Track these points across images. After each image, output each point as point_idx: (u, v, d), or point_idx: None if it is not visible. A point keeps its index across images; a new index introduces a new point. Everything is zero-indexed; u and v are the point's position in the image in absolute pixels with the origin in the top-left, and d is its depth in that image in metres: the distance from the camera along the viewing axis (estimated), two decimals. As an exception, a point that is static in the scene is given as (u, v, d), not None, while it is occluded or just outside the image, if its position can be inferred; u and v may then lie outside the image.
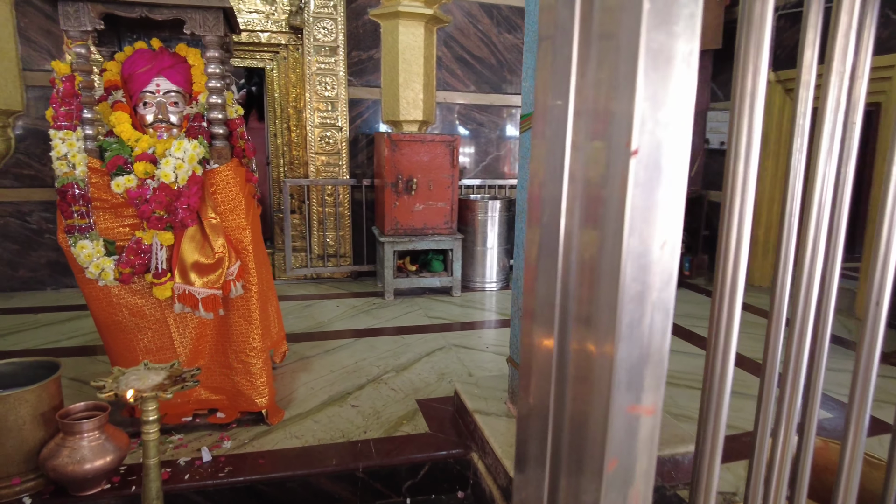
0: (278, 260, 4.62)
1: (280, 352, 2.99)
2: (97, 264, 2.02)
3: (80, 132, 2.03)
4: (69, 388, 2.67)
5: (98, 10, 1.98)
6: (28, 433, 1.90)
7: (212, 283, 2.14)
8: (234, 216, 2.20)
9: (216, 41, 2.10)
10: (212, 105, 2.15)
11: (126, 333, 2.20)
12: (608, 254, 0.51)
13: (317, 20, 4.23)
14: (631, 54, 0.47)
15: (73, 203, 2.01)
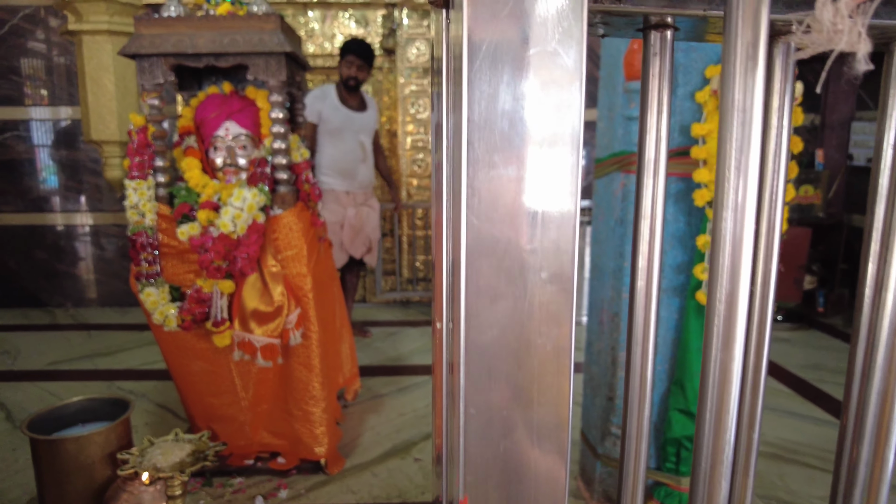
0: (369, 282, 4.63)
1: (352, 389, 2.95)
2: (161, 311, 2.06)
3: (151, 181, 2.08)
4: (154, 414, 2.80)
5: (170, 62, 2.02)
6: (97, 472, 1.97)
7: (270, 331, 2.11)
8: (296, 263, 2.16)
9: (279, 86, 2.06)
10: (275, 150, 2.12)
11: (191, 375, 2.24)
12: None
13: (409, 41, 4.17)
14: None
15: (141, 251, 2.07)
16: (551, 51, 0.34)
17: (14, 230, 4.53)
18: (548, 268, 0.36)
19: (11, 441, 2.56)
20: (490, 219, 0.36)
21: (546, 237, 0.36)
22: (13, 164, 4.46)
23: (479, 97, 0.34)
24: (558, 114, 0.35)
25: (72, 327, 4.17)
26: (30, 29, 4.28)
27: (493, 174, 0.35)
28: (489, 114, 0.34)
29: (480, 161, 0.35)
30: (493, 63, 0.34)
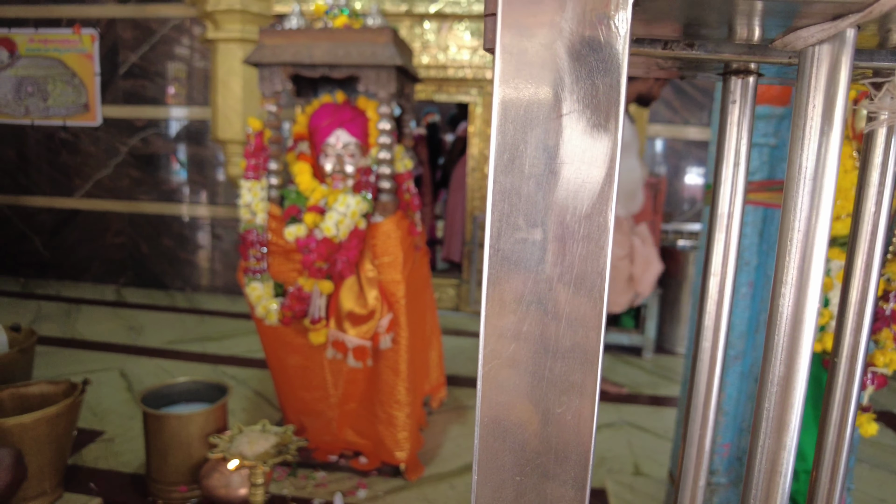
0: (463, 292, 4.66)
1: (438, 398, 2.97)
2: (264, 305, 2.18)
3: (264, 182, 2.21)
4: (251, 401, 2.97)
5: (288, 71, 2.14)
6: (195, 450, 2.13)
7: (363, 333, 2.17)
8: (391, 270, 2.21)
9: (388, 97, 2.12)
10: (381, 160, 2.19)
11: (287, 369, 2.35)
12: None
13: (521, 55, 4.16)
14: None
15: (251, 247, 2.20)
16: (584, 113, 0.33)
17: (148, 217, 5.01)
18: (572, 336, 0.34)
19: (129, 410, 2.82)
20: (511, 279, 0.35)
21: (573, 307, 0.34)
22: (152, 157, 4.93)
23: (506, 157, 0.34)
24: (591, 176, 0.33)
25: (187, 311, 4.54)
26: (176, 37, 4.72)
27: (518, 236, 0.34)
28: (515, 176, 0.34)
29: (507, 221, 0.34)
30: (523, 122, 0.33)
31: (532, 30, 0.32)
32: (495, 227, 0.34)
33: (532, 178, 0.33)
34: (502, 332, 0.35)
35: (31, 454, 1.95)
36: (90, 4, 4.80)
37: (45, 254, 5.24)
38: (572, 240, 0.33)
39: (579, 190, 0.33)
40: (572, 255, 0.34)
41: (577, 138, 0.33)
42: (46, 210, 5.19)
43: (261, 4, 4.24)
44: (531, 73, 0.32)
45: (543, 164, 0.33)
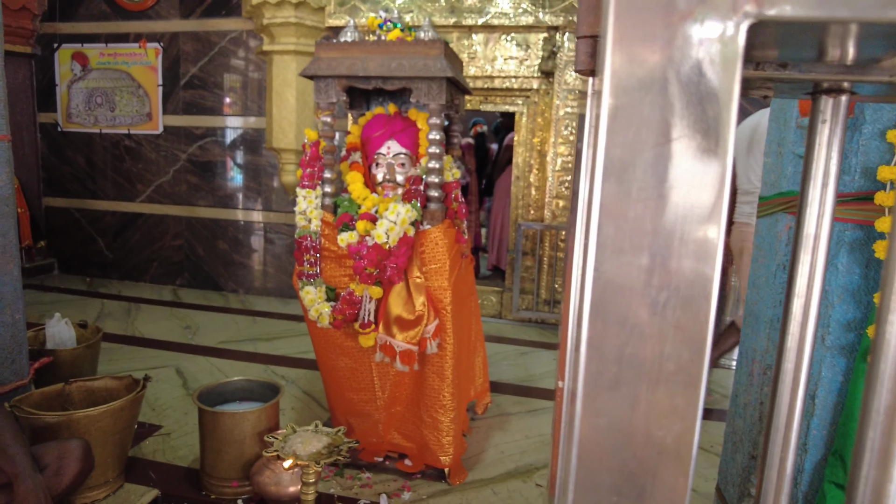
0: (506, 299, 4.67)
1: (483, 403, 3.00)
2: (317, 308, 2.25)
3: (319, 190, 2.30)
4: (300, 400, 3.06)
5: (342, 84, 2.22)
6: (247, 447, 2.21)
7: (410, 338, 2.22)
8: (438, 277, 2.25)
9: (438, 109, 2.18)
10: (430, 169, 2.24)
11: (336, 370, 2.42)
12: None
13: (568, 64, 4.17)
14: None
15: (305, 252, 2.29)
16: (694, 138, 0.33)
17: (204, 222, 5.22)
18: (676, 359, 0.34)
19: (184, 406, 2.95)
20: (615, 301, 0.35)
21: (679, 329, 0.34)
22: (209, 164, 5.15)
23: (613, 179, 0.33)
24: (700, 200, 0.33)
25: (240, 312, 4.70)
26: (233, 49, 4.92)
27: (623, 260, 0.34)
28: (621, 200, 0.33)
29: (612, 244, 0.34)
30: (631, 146, 0.33)
31: (642, 55, 0.32)
32: (600, 250, 0.34)
33: (640, 202, 0.33)
34: (604, 354, 0.35)
35: (97, 445, 2.07)
36: (156, 20, 5.06)
37: (108, 255, 5.52)
38: (679, 264, 0.33)
39: (688, 214, 0.33)
40: (678, 279, 0.33)
41: (686, 163, 0.33)
42: (111, 213, 5.47)
43: (314, 18, 4.39)
44: (640, 98, 0.32)
45: (651, 188, 0.33)
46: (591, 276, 0.34)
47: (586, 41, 0.35)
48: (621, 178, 0.33)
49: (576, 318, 0.36)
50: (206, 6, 4.92)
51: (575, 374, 0.35)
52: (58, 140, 5.50)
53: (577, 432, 0.36)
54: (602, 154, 0.33)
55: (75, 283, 5.37)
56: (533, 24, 4.20)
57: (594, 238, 0.34)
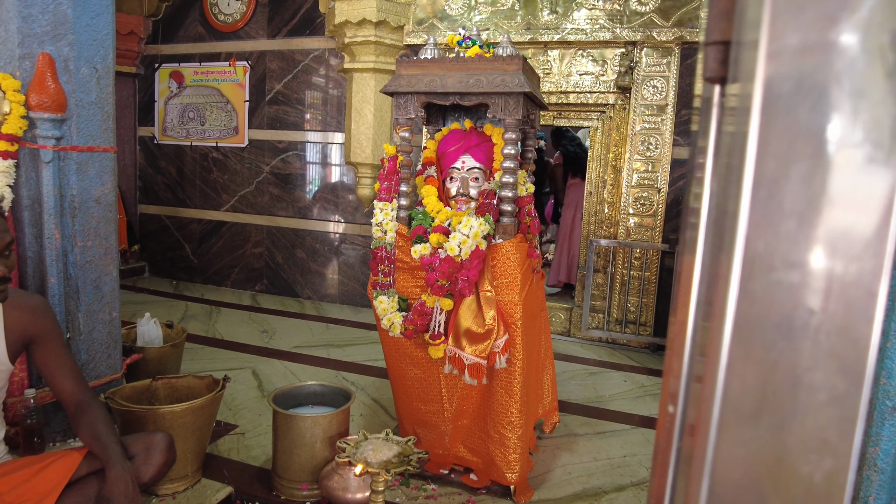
0: (575, 317, 4.58)
1: (551, 422, 2.94)
2: (389, 318, 2.30)
3: (395, 203, 2.35)
4: (369, 407, 3.12)
5: (421, 100, 2.27)
6: (318, 451, 2.27)
7: (479, 351, 2.21)
8: (509, 291, 2.24)
9: (514, 124, 2.18)
10: (504, 184, 2.25)
11: (405, 380, 2.45)
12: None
13: (646, 79, 4.08)
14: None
15: (380, 263, 2.34)
16: (860, 148, 0.29)
17: (284, 231, 5.44)
18: (829, 390, 0.30)
19: (259, 407, 3.06)
20: (761, 323, 0.31)
21: (834, 356, 0.30)
22: (290, 177, 5.37)
23: (763, 193, 0.30)
24: (862, 216, 0.30)
25: (314, 318, 4.85)
26: (315, 67, 5.14)
27: (773, 277, 0.31)
28: (772, 214, 0.30)
29: (761, 260, 0.31)
30: (785, 157, 0.30)
31: (801, 57, 0.29)
32: (747, 267, 0.31)
33: (793, 217, 0.30)
34: (747, 380, 0.32)
35: (178, 440, 2.18)
36: (245, 40, 5.36)
37: (193, 260, 5.85)
38: (837, 285, 0.30)
39: (848, 231, 0.30)
40: (836, 301, 0.30)
41: (849, 176, 0.29)
42: (197, 221, 5.80)
43: (394, 36, 4.52)
44: (797, 104, 0.29)
45: (806, 202, 0.30)
46: (735, 295, 0.31)
47: (716, 47, 0.32)
48: (772, 191, 0.30)
49: (696, 344, 0.33)
50: (292, 26, 5.17)
51: (702, 404, 0.32)
52: (153, 152, 5.90)
53: (708, 465, 0.33)
54: (751, 166, 0.31)
55: (163, 286, 5.71)
56: (610, 40, 4.14)
57: (739, 255, 0.31)
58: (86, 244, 2.38)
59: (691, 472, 0.33)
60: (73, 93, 2.29)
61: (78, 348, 2.43)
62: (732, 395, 0.32)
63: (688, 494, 0.33)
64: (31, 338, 1.73)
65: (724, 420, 0.32)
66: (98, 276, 2.46)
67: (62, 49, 2.26)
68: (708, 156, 0.32)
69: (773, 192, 0.30)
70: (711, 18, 0.34)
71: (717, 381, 0.32)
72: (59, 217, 2.32)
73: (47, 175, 2.26)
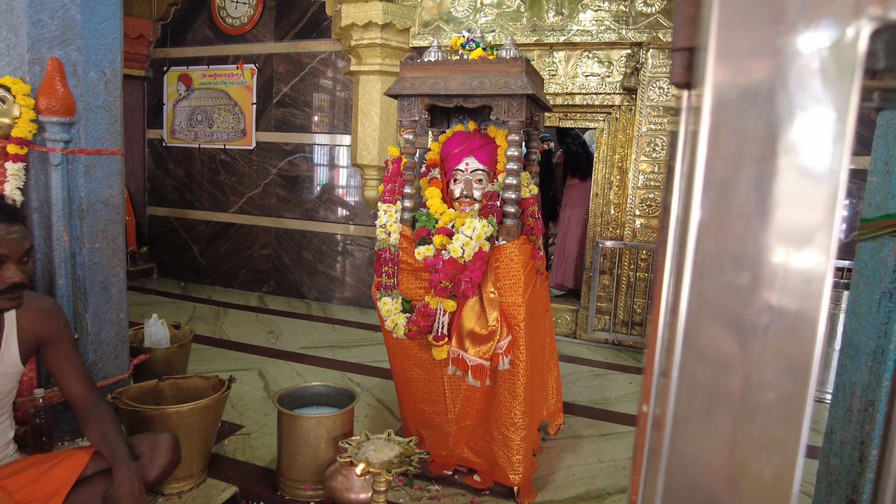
0: (581, 318, 4.58)
1: (555, 424, 2.95)
2: (393, 319, 2.31)
3: (399, 205, 2.36)
4: (373, 408, 3.13)
5: (425, 102, 2.28)
6: (322, 451, 2.28)
7: (482, 353, 2.22)
8: (512, 292, 2.25)
9: (517, 125, 2.19)
10: (507, 185, 2.25)
11: (409, 381, 2.46)
12: None
13: (652, 80, 4.07)
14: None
15: (384, 265, 2.35)
16: (804, 153, 0.30)
17: (291, 233, 5.47)
18: (777, 388, 0.31)
19: (265, 408, 3.08)
20: (712, 324, 0.32)
21: (781, 355, 0.31)
22: (297, 179, 5.40)
23: (713, 195, 0.31)
24: (808, 218, 0.30)
25: (321, 319, 4.87)
26: (322, 70, 5.17)
27: (723, 279, 0.31)
28: (721, 217, 0.31)
29: (710, 262, 0.31)
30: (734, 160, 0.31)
31: (748, 63, 0.30)
32: (698, 268, 0.31)
33: (742, 218, 0.31)
34: (698, 380, 0.32)
35: (184, 440, 2.20)
36: (253, 42, 5.40)
37: (201, 261, 5.89)
38: (783, 286, 0.30)
39: (794, 233, 0.30)
40: (783, 301, 0.31)
41: (793, 179, 0.30)
42: (205, 223, 5.84)
43: (399, 39, 4.53)
44: (745, 109, 0.30)
45: (755, 204, 0.31)
46: (687, 295, 0.32)
47: (682, 53, 0.33)
48: (722, 193, 0.31)
49: (665, 340, 0.33)
50: (299, 29, 5.20)
51: (664, 399, 0.33)
52: (162, 154, 5.95)
53: (664, 461, 0.34)
54: (701, 168, 0.31)
55: (171, 287, 5.75)
56: (616, 41, 4.14)
57: (691, 256, 0.32)
58: (94, 246, 2.41)
59: (653, 468, 0.34)
60: (81, 96, 2.32)
61: (86, 349, 2.45)
62: (685, 393, 0.32)
63: (648, 490, 0.34)
64: (42, 340, 1.75)
65: (677, 417, 0.33)
66: (106, 278, 2.49)
67: (71, 53, 2.29)
68: (677, 158, 0.33)
69: (723, 195, 0.31)
70: (677, 24, 0.34)
71: (672, 380, 0.32)
72: (68, 219, 2.35)
73: (56, 178, 2.29)
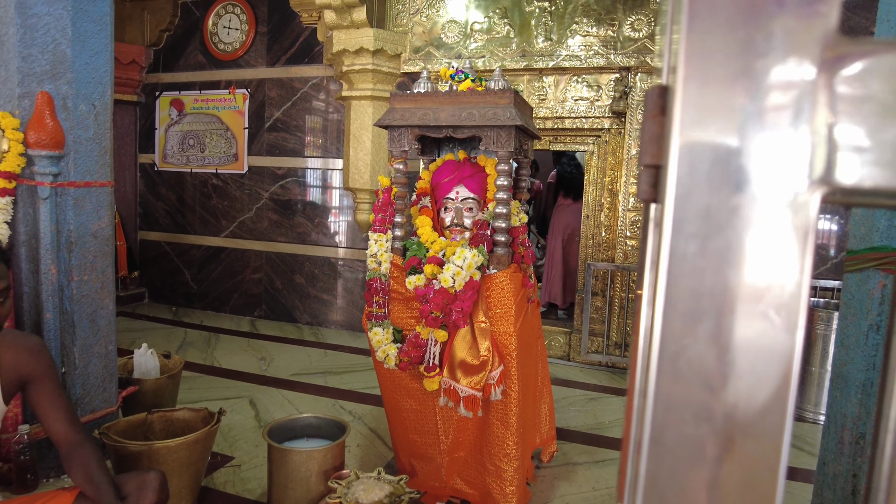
0: (574, 340, 4.57)
1: (549, 451, 2.92)
2: (384, 350, 2.29)
3: (389, 234, 2.36)
4: (366, 437, 3.10)
5: (415, 133, 2.29)
6: (313, 485, 2.25)
7: (474, 383, 2.21)
8: (503, 322, 2.24)
9: (506, 155, 2.20)
10: (497, 214, 2.26)
11: (401, 412, 2.44)
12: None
13: (640, 104, 4.11)
14: None
15: (375, 294, 2.34)
16: (764, 314, 0.30)
17: (283, 257, 5.45)
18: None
19: (256, 438, 3.04)
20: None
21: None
22: (289, 203, 5.40)
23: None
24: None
25: (313, 344, 4.84)
26: (314, 95, 5.20)
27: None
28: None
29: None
30: (692, 313, 0.30)
31: (705, 200, 0.30)
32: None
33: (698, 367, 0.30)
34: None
35: (173, 475, 2.17)
36: (245, 68, 5.43)
37: (193, 286, 5.86)
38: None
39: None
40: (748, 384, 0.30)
41: (750, 336, 0.30)
42: (196, 247, 5.82)
43: (391, 64, 4.57)
44: (702, 241, 0.30)
45: (714, 358, 0.30)
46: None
47: (648, 171, 0.34)
48: (681, 332, 0.31)
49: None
50: (290, 54, 5.24)
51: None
52: (154, 179, 5.95)
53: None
54: (662, 300, 0.31)
55: (163, 312, 5.71)
56: (604, 66, 4.19)
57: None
58: (82, 278, 2.39)
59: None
60: (70, 129, 2.32)
61: (73, 383, 2.42)
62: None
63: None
64: (26, 379, 1.73)
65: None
66: (94, 310, 2.47)
67: (61, 87, 2.29)
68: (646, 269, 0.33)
69: (682, 335, 0.31)
70: (644, 142, 0.35)
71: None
72: (56, 252, 2.33)
73: (45, 211, 2.28)
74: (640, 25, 4.08)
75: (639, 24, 4.08)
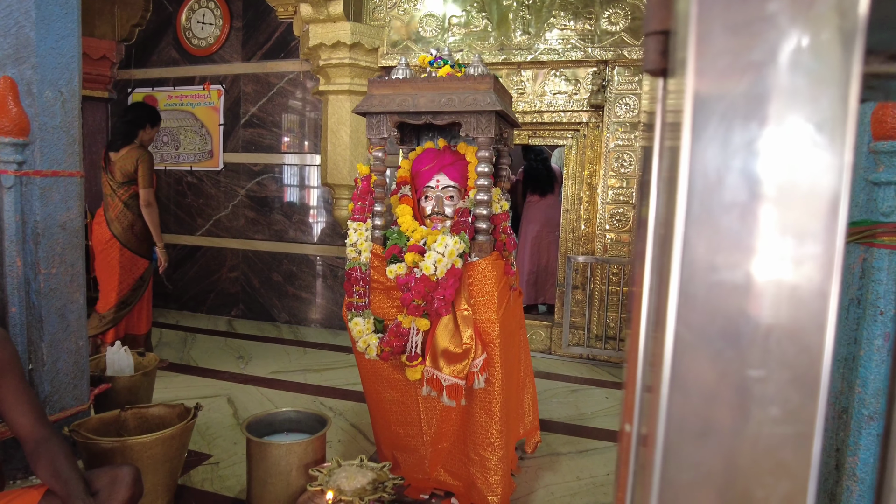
0: (555, 334, 4.57)
1: (532, 442, 2.90)
2: (365, 340, 2.25)
3: (369, 223, 2.32)
4: (347, 433, 3.05)
5: (394, 120, 2.26)
6: (293, 479, 2.20)
7: (457, 372, 2.18)
8: (486, 309, 2.22)
9: (487, 142, 2.18)
10: (478, 201, 2.24)
11: (383, 403, 2.40)
12: None
13: (619, 97, 4.13)
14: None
15: (355, 284, 2.30)
16: (802, 133, 0.27)
17: (260, 255, 5.36)
18: (781, 403, 0.27)
19: (234, 436, 2.98)
20: (704, 328, 0.28)
21: (783, 363, 0.27)
22: (266, 200, 5.32)
23: (700, 184, 0.27)
24: (806, 206, 0.27)
25: (292, 342, 4.77)
26: (291, 90, 5.13)
27: (714, 278, 0.28)
28: (712, 210, 0.28)
29: (698, 266, 0.27)
30: (723, 144, 0.27)
31: (733, 42, 0.27)
32: (687, 271, 0.27)
33: (734, 211, 0.27)
34: (690, 389, 0.28)
35: (148, 472, 2.10)
36: (219, 63, 5.34)
37: (168, 286, 5.73)
38: (783, 286, 0.27)
39: (795, 225, 0.27)
40: (783, 304, 0.27)
41: (790, 162, 0.27)
42: (171, 246, 5.68)
43: (368, 59, 4.53)
44: (732, 89, 0.27)
45: (749, 194, 0.27)
46: (675, 301, 0.28)
47: (656, 38, 0.30)
48: (711, 184, 0.28)
49: (647, 354, 0.30)
50: (266, 49, 5.17)
51: (652, 419, 0.29)
52: (127, 177, 5.81)
53: (655, 489, 0.29)
54: (686, 158, 0.28)
55: (137, 313, 5.57)
56: (582, 59, 4.20)
57: (677, 258, 0.28)
58: (50, 271, 2.31)
59: (643, 492, 0.30)
60: (36, 116, 2.24)
61: (41, 379, 2.34)
62: (677, 408, 0.28)
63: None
64: None
65: (669, 439, 0.28)
66: (63, 304, 2.38)
67: (25, 72, 2.21)
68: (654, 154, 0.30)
69: (712, 185, 0.27)
70: (650, 7, 0.32)
71: (661, 396, 0.28)
72: (22, 244, 2.25)
73: (8, 201, 2.20)
74: (616, 19, 4.10)
75: (616, 17, 4.10)
